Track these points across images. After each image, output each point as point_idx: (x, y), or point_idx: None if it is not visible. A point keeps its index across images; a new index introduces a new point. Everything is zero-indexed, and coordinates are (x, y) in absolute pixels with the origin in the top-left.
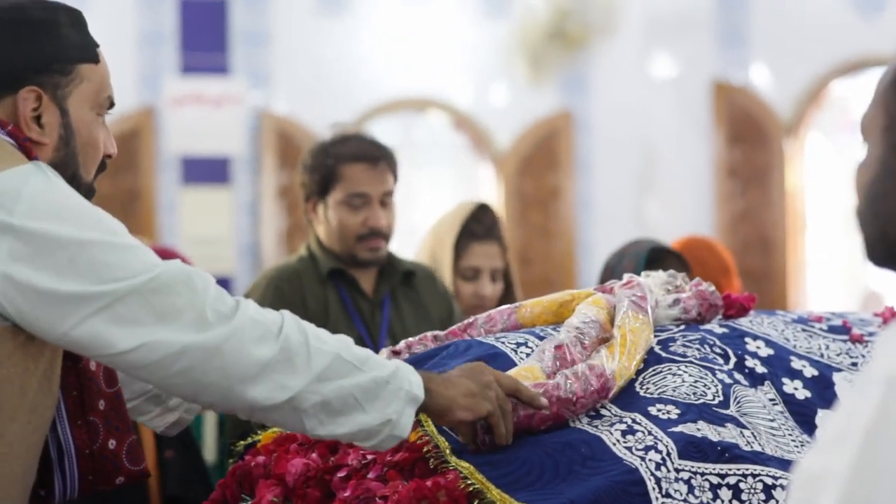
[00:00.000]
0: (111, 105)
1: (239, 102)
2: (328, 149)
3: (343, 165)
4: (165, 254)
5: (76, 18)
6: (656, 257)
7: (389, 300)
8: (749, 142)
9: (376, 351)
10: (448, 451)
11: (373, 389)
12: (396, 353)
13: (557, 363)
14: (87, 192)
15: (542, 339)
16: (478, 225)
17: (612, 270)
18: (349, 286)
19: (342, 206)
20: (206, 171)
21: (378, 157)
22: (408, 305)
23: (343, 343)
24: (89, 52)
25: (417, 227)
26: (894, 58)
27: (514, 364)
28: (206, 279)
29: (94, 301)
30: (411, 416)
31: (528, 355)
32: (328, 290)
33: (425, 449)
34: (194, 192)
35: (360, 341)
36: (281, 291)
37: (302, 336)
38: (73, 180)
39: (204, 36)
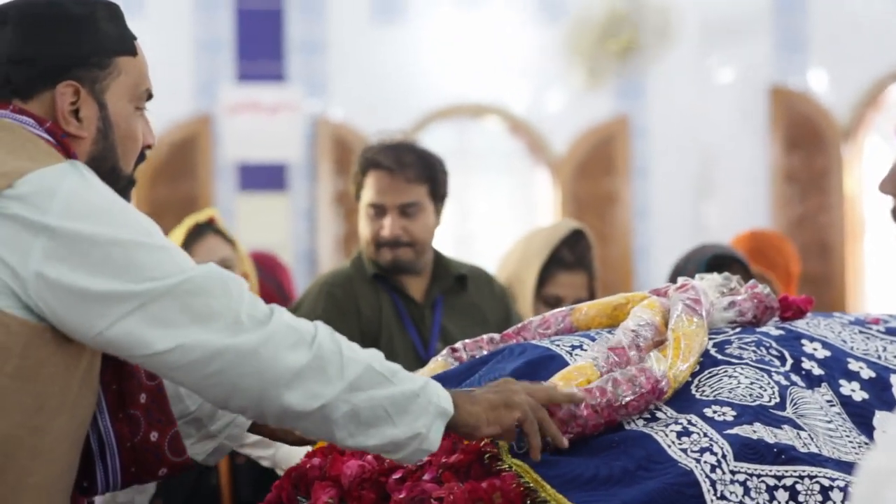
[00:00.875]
0: (149, 97)
1: (295, 110)
2: (361, 155)
3: (367, 173)
4: (264, 259)
5: (114, 12)
6: (719, 263)
7: (442, 304)
8: (807, 146)
9: (429, 356)
10: (504, 451)
11: (403, 402)
12: (455, 351)
13: (612, 363)
14: (127, 184)
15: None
16: (569, 252)
17: (677, 275)
18: (398, 291)
19: (364, 214)
20: (263, 178)
21: (398, 167)
22: (461, 309)
23: (374, 355)
24: (127, 44)
25: (474, 233)
26: None
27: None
28: (240, 284)
29: (128, 301)
30: (440, 430)
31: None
32: (381, 295)
33: (483, 449)
34: (251, 199)
35: (412, 345)
36: (334, 297)
37: (335, 345)
38: (113, 172)
39: (260, 44)
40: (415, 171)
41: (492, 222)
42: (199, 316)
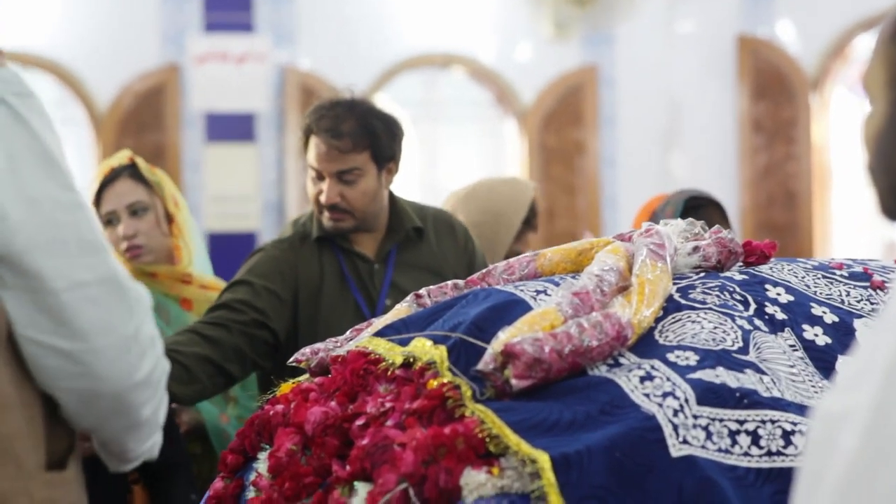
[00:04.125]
0: None
1: (263, 59)
2: (309, 115)
3: (311, 136)
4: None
5: None
6: (696, 206)
7: (394, 260)
8: (774, 96)
9: (376, 315)
10: (468, 397)
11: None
12: (419, 297)
13: (575, 308)
14: None
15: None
16: (532, 214)
17: (656, 218)
18: (345, 251)
19: (308, 175)
20: (231, 128)
21: (335, 135)
22: (416, 262)
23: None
24: None
25: (441, 182)
26: (890, 14)
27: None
28: None
29: None
30: None
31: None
32: (324, 257)
33: (446, 395)
34: (219, 149)
35: (356, 306)
36: (273, 259)
37: None
38: None
39: None
40: (352, 139)
41: (459, 171)
42: None
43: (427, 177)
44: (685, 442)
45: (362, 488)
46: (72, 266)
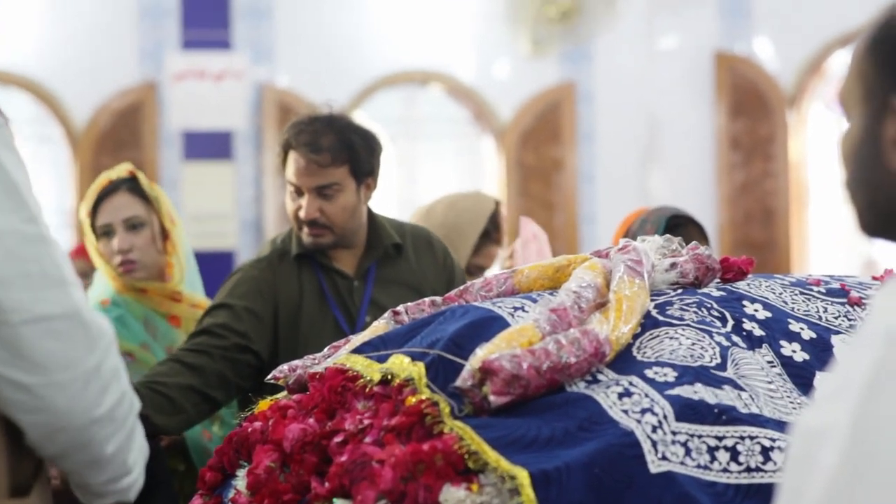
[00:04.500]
0: None
1: (241, 77)
2: (283, 133)
3: (290, 151)
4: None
5: None
6: (676, 224)
7: (374, 276)
8: (752, 113)
9: (355, 331)
10: (446, 413)
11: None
12: (397, 315)
13: (553, 324)
14: None
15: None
16: (494, 228)
17: (633, 235)
18: (324, 268)
19: (287, 191)
20: (208, 146)
21: (313, 150)
22: (395, 278)
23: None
24: None
25: (419, 199)
26: (865, 30)
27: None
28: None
29: None
30: None
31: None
32: (303, 274)
33: (424, 412)
34: (196, 167)
35: (335, 323)
36: (253, 279)
37: None
38: None
39: (205, 11)
40: (331, 153)
41: (437, 189)
42: None
43: (405, 194)
44: (664, 458)
45: None
46: (33, 300)
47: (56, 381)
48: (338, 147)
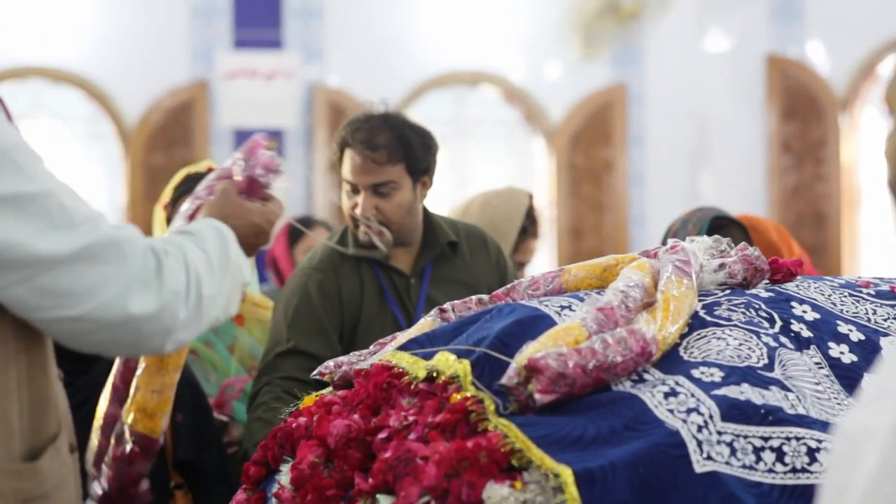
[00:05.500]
0: None
1: (291, 76)
2: (340, 131)
3: (343, 150)
4: None
5: None
6: (719, 225)
7: (430, 274)
8: (803, 116)
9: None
10: (491, 411)
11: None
12: (444, 312)
13: (600, 323)
14: None
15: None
16: (530, 223)
17: (675, 235)
18: (382, 265)
19: (343, 189)
20: None
21: (370, 148)
22: (450, 276)
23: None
24: None
25: None
26: None
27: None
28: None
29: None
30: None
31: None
32: (363, 272)
33: (469, 409)
34: None
35: (394, 320)
36: (316, 282)
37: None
38: None
39: (257, 10)
40: (387, 151)
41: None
42: None
43: (455, 195)
44: (709, 458)
45: (385, 501)
46: (58, 241)
47: (103, 302)
48: (394, 145)
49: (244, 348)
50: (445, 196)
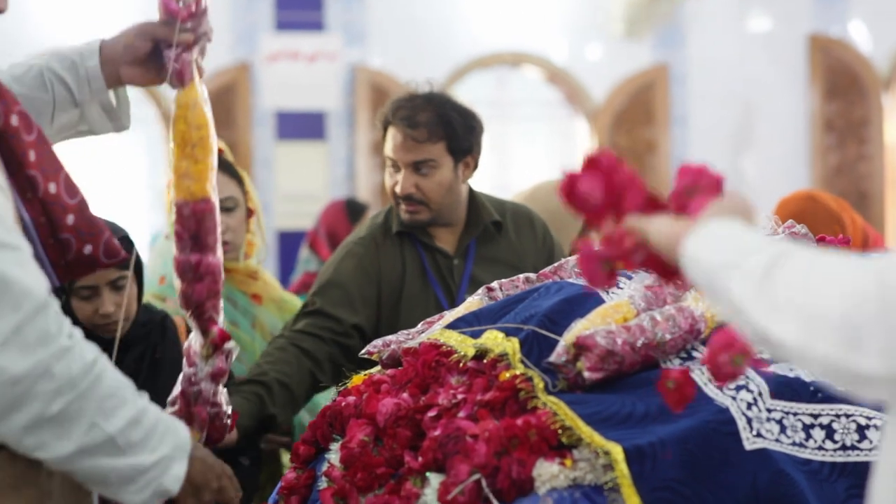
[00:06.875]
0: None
1: (334, 58)
2: (387, 106)
3: (387, 128)
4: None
5: None
6: None
7: (473, 253)
8: (846, 96)
9: (453, 308)
10: (540, 389)
11: (129, 474)
12: (491, 290)
13: (648, 301)
14: None
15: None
16: None
17: None
18: (425, 245)
19: (386, 166)
20: (302, 127)
21: (411, 126)
22: (495, 256)
23: (129, 419)
24: None
25: (512, 182)
26: None
27: (604, 303)
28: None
29: None
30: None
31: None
32: (405, 251)
33: (518, 387)
34: (289, 148)
35: (436, 300)
36: (357, 258)
37: (93, 399)
38: None
39: None
40: (427, 129)
41: (530, 171)
42: None
43: (498, 176)
44: (759, 435)
45: (434, 479)
46: None
47: None
48: (435, 123)
49: (265, 325)
50: (487, 177)
